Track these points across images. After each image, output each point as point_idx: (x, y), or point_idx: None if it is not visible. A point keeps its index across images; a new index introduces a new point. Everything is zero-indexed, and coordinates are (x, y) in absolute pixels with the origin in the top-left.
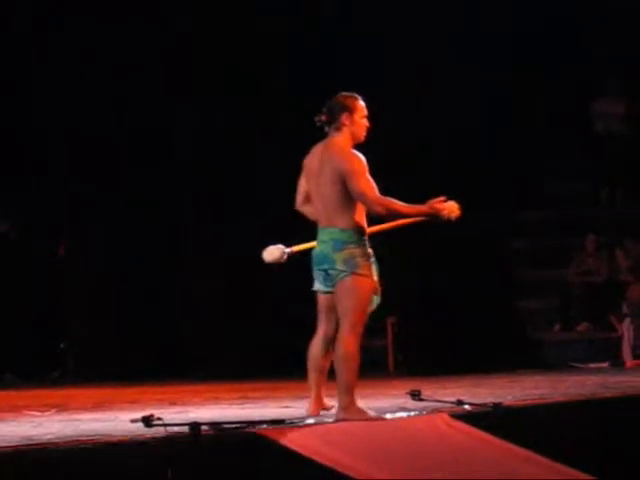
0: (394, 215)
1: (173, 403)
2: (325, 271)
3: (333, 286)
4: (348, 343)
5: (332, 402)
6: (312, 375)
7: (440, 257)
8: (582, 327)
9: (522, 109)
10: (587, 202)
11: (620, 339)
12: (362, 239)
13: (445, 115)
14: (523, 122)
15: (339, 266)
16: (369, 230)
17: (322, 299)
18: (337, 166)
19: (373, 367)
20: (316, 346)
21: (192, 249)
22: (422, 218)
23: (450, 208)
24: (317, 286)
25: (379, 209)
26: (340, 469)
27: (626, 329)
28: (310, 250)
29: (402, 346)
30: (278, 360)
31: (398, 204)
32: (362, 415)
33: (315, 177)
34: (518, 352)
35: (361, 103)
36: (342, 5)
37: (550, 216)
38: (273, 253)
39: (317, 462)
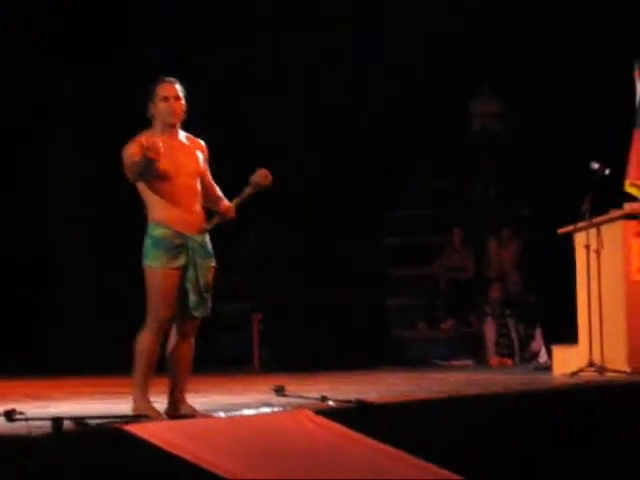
0: (137, 174)
1: (35, 398)
2: None
3: None
4: (141, 339)
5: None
6: None
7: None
8: (447, 325)
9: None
10: (459, 199)
11: (482, 337)
12: (158, 230)
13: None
14: (397, 122)
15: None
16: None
17: None
18: None
19: (238, 363)
20: None
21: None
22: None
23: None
24: None
25: (126, 171)
26: (203, 465)
27: (488, 329)
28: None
29: (267, 342)
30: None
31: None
32: (148, 412)
33: None
34: (382, 349)
35: (162, 85)
36: None
37: (421, 214)
38: None
39: (180, 457)
